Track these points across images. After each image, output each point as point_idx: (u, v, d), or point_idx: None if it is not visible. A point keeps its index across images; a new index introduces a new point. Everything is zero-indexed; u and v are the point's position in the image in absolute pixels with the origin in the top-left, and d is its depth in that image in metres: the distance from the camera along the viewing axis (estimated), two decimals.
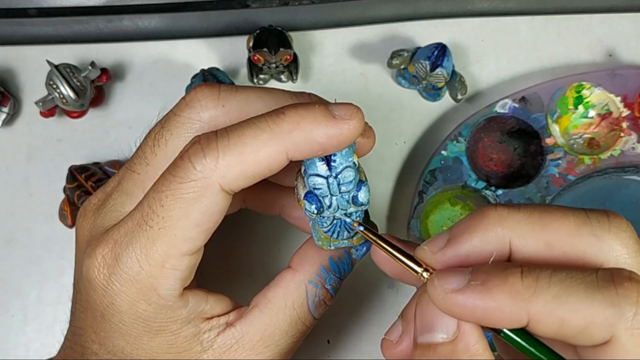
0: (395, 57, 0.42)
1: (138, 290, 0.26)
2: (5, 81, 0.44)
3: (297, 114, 0.25)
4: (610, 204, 0.42)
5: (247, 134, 0.25)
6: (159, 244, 0.26)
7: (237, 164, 0.25)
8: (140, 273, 0.26)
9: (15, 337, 0.41)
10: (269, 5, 0.41)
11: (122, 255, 0.26)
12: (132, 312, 0.26)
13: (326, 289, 0.30)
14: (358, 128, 0.25)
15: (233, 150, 0.25)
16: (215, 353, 0.28)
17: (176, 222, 0.25)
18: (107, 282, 0.26)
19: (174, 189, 0.25)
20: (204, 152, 0.25)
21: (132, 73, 0.44)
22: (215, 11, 0.42)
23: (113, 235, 0.27)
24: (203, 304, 0.28)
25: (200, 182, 0.25)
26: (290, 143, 0.25)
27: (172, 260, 0.26)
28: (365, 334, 0.41)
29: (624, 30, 0.45)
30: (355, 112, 0.25)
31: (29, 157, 0.43)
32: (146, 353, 0.27)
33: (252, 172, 0.25)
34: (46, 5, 0.41)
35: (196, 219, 0.25)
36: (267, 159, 0.25)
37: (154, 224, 0.26)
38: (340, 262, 0.30)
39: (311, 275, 0.29)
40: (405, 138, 0.44)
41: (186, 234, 0.26)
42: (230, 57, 0.44)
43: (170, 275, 0.26)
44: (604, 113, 0.42)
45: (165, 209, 0.25)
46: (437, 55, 0.40)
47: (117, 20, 0.42)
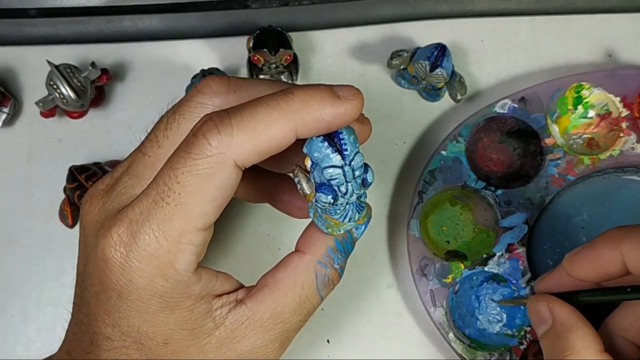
0: (394, 57, 0.42)
1: (156, 266, 0.27)
2: (6, 81, 0.44)
3: (305, 93, 0.26)
4: (610, 204, 0.42)
5: (260, 112, 0.26)
6: (176, 220, 0.26)
7: (250, 140, 0.26)
8: (158, 249, 0.26)
9: (15, 336, 0.41)
10: (269, 6, 0.41)
11: (139, 233, 0.26)
12: (150, 288, 0.27)
13: (335, 268, 0.30)
14: (360, 107, 0.27)
15: (247, 126, 0.26)
16: (227, 330, 0.28)
17: (192, 198, 0.26)
18: (124, 260, 0.27)
19: (190, 165, 0.26)
20: (218, 129, 0.26)
21: (132, 73, 0.44)
22: (215, 12, 0.42)
23: (128, 214, 0.27)
24: (214, 281, 0.29)
25: (215, 158, 0.26)
26: (300, 121, 0.26)
27: (189, 235, 0.26)
28: (365, 334, 0.42)
29: (623, 30, 0.45)
30: (357, 93, 0.27)
31: (30, 157, 0.43)
32: (162, 330, 0.28)
33: (264, 148, 0.26)
34: (46, 6, 0.41)
35: (211, 194, 0.26)
36: (277, 136, 0.26)
37: (171, 200, 0.26)
38: (344, 241, 0.31)
39: (320, 256, 0.30)
40: (405, 138, 0.44)
41: (202, 209, 0.26)
42: (230, 58, 0.44)
43: (187, 250, 0.27)
44: (603, 113, 0.42)
45: (182, 185, 0.26)
46: (437, 55, 0.40)
47: (118, 21, 0.43)
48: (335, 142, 0.27)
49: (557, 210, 0.42)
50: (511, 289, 0.40)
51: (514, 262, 0.40)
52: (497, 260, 0.40)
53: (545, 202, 0.41)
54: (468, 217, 0.42)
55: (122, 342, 0.28)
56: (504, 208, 0.40)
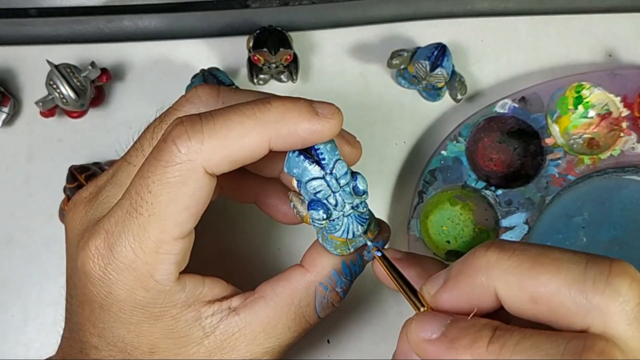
0: (395, 57, 0.42)
1: (135, 278, 0.26)
2: (6, 81, 0.44)
3: (283, 106, 0.26)
4: (610, 204, 0.42)
5: (233, 120, 0.25)
6: (151, 230, 0.26)
7: (221, 148, 0.25)
8: (135, 261, 0.26)
9: (15, 337, 0.41)
10: (269, 5, 0.41)
11: (115, 245, 0.26)
12: (131, 300, 0.27)
13: (336, 291, 0.30)
14: (338, 126, 0.27)
15: (218, 133, 0.25)
16: (216, 339, 0.28)
17: (165, 207, 0.26)
18: (103, 272, 0.26)
19: (159, 174, 0.25)
20: (188, 135, 0.25)
21: (132, 73, 0.44)
22: (215, 11, 0.42)
23: (104, 225, 0.27)
24: (200, 287, 0.28)
25: (185, 165, 0.25)
26: (275, 133, 0.26)
27: (165, 245, 0.26)
28: (365, 334, 0.41)
29: (623, 30, 0.45)
30: (337, 112, 0.27)
31: (29, 157, 0.43)
32: (147, 339, 0.27)
33: (236, 157, 0.26)
34: (46, 5, 0.41)
35: (184, 202, 0.26)
36: (250, 146, 0.26)
37: (144, 210, 0.26)
38: (352, 264, 0.30)
39: (323, 277, 0.30)
40: (405, 138, 0.44)
41: (176, 218, 0.26)
42: (230, 57, 0.44)
43: (165, 260, 0.26)
44: (603, 113, 0.42)
45: (153, 194, 0.25)
46: (437, 55, 0.40)
47: (117, 20, 0.43)
48: (311, 153, 0.27)
49: (557, 210, 0.42)
50: None
51: None
52: None
53: (546, 202, 0.41)
54: (468, 217, 0.42)
55: (109, 352, 0.28)
56: (504, 208, 0.40)
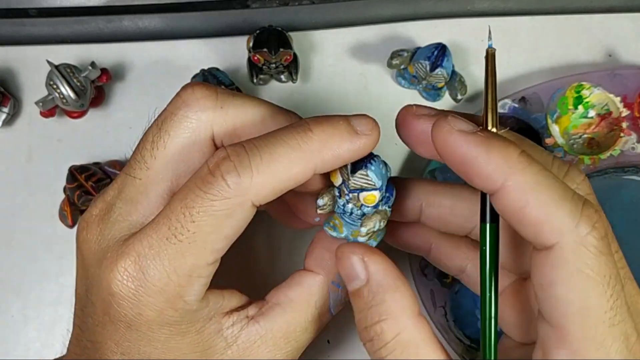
0: (395, 57, 0.42)
1: (166, 300, 0.26)
2: (6, 81, 0.44)
3: (324, 132, 0.27)
4: (610, 204, 0.42)
5: (279, 152, 0.26)
6: (188, 257, 0.26)
7: (270, 182, 0.26)
8: (168, 284, 0.26)
9: (15, 337, 0.41)
10: (269, 6, 0.41)
11: (149, 268, 0.26)
12: (160, 320, 0.27)
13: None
14: (377, 139, 0.28)
15: (267, 168, 0.26)
16: (239, 349, 0.28)
17: (206, 237, 0.26)
18: (133, 294, 0.26)
19: (206, 206, 0.25)
20: (237, 171, 0.25)
21: (132, 73, 0.44)
22: (215, 11, 0.42)
23: (135, 247, 0.27)
24: (220, 300, 0.29)
25: (234, 200, 0.25)
26: (320, 160, 0.26)
27: (199, 269, 0.26)
28: None
29: (623, 30, 0.45)
30: (375, 127, 0.28)
31: (29, 157, 0.43)
32: (174, 355, 0.28)
33: (282, 188, 0.26)
34: (46, 6, 0.41)
35: (225, 232, 0.26)
36: (297, 176, 0.26)
37: (184, 238, 0.26)
38: None
39: (333, 276, 0.30)
40: None
41: (215, 246, 0.26)
42: (230, 57, 0.44)
43: (196, 284, 0.27)
44: (603, 113, 0.42)
45: (197, 224, 0.26)
46: (437, 55, 0.40)
47: (118, 21, 0.43)
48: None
49: None
50: None
51: None
52: None
53: None
54: None
55: None
56: None
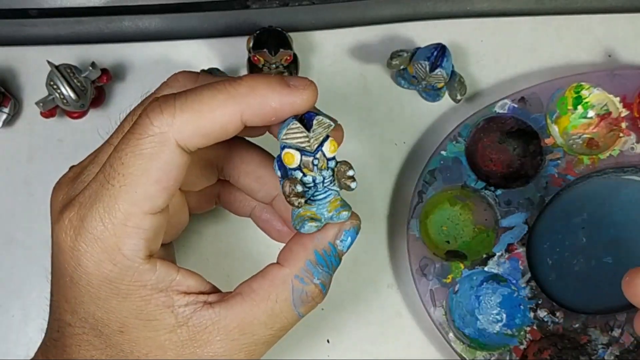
0: (394, 57, 0.42)
1: (102, 250, 0.26)
2: (6, 82, 0.44)
3: (253, 79, 0.27)
4: (610, 204, 0.42)
5: (205, 94, 0.26)
6: (121, 202, 0.26)
7: (193, 120, 0.26)
8: (104, 232, 0.26)
9: (15, 337, 0.41)
10: (269, 6, 0.41)
11: (86, 216, 0.27)
12: (99, 273, 0.27)
13: (314, 284, 0.29)
14: (312, 97, 0.28)
15: (190, 107, 0.26)
16: (189, 331, 0.28)
17: (136, 179, 0.26)
18: (73, 243, 0.27)
19: (133, 146, 0.26)
20: (161, 109, 0.26)
21: (132, 73, 0.44)
22: (215, 12, 0.42)
23: (79, 198, 0.27)
24: (174, 274, 0.28)
25: (157, 138, 0.26)
26: (246, 105, 0.26)
27: (134, 218, 0.26)
28: (365, 334, 0.42)
29: (623, 30, 0.46)
30: (309, 84, 0.28)
31: (30, 158, 0.43)
32: (116, 317, 0.27)
33: (208, 131, 0.26)
34: (47, 6, 0.41)
35: (156, 175, 0.26)
36: (222, 118, 0.26)
37: (116, 182, 0.26)
38: (326, 254, 0.30)
39: (298, 269, 0.29)
40: (405, 138, 0.44)
41: (147, 191, 0.26)
42: (230, 58, 0.44)
43: (134, 234, 0.27)
44: (603, 113, 0.42)
45: (126, 166, 0.26)
46: (437, 55, 0.40)
47: (118, 21, 0.43)
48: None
49: (557, 210, 0.42)
50: (511, 288, 0.40)
51: (513, 262, 0.40)
52: (497, 260, 0.40)
53: (545, 202, 0.41)
54: (468, 217, 0.42)
55: (82, 329, 0.28)
56: (504, 208, 0.41)
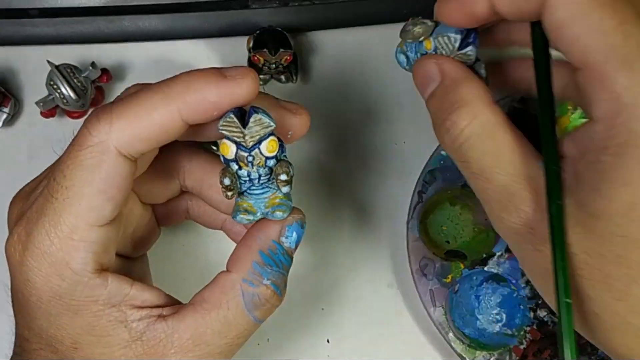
0: (417, 25, 0.33)
1: (50, 264, 0.26)
2: (6, 81, 0.44)
3: (188, 76, 0.26)
4: None
5: (141, 97, 0.26)
6: (65, 215, 0.26)
7: (130, 126, 0.26)
8: (50, 246, 0.26)
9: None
10: (269, 6, 0.41)
11: (32, 231, 0.26)
12: (48, 289, 0.26)
13: (265, 285, 0.28)
14: (251, 86, 0.27)
15: (126, 112, 0.26)
16: (144, 345, 0.27)
17: (79, 191, 0.26)
18: (21, 258, 0.27)
19: (73, 157, 0.26)
20: (98, 118, 0.26)
21: (132, 73, 0.44)
22: (215, 12, 0.42)
23: (27, 213, 0.27)
24: (127, 288, 0.27)
25: (97, 147, 0.25)
26: (183, 103, 0.26)
27: (80, 231, 0.26)
28: (365, 334, 0.42)
29: None
30: (247, 72, 0.27)
31: (30, 158, 0.43)
32: (68, 333, 0.27)
33: (148, 134, 0.26)
34: (47, 6, 0.41)
35: (99, 186, 0.26)
36: (160, 120, 0.26)
37: (59, 195, 0.26)
38: (272, 253, 0.29)
39: (245, 273, 0.28)
40: (405, 138, 0.44)
41: (91, 202, 0.26)
42: (230, 58, 0.44)
43: (81, 248, 0.26)
44: None
45: (67, 178, 0.26)
46: (469, 32, 0.31)
47: (118, 21, 0.43)
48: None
49: None
50: (511, 288, 0.40)
51: (513, 262, 0.40)
52: (497, 260, 0.40)
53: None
54: (468, 217, 0.42)
55: (38, 345, 0.27)
56: None
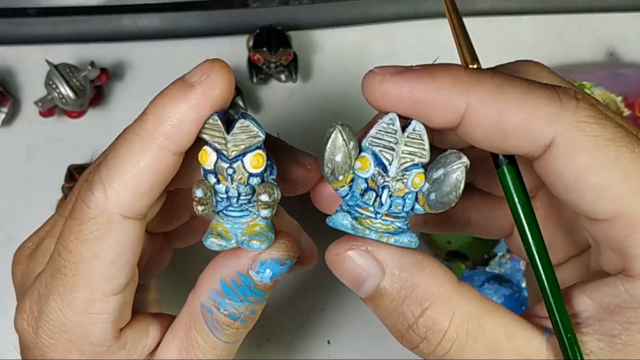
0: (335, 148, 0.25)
1: (68, 341, 0.25)
2: (5, 81, 0.44)
3: (155, 106, 0.23)
4: None
5: (122, 152, 0.24)
6: (78, 291, 0.24)
7: (125, 187, 0.23)
8: (65, 324, 0.25)
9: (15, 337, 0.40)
10: (269, 5, 0.41)
11: (45, 307, 0.25)
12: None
13: (222, 314, 0.26)
14: (221, 83, 0.23)
15: (115, 174, 0.24)
16: None
17: (89, 265, 0.24)
18: (35, 335, 0.25)
19: (77, 232, 0.24)
20: (91, 190, 0.24)
21: (131, 73, 0.44)
22: (215, 11, 0.42)
23: (36, 285, 0.26)
24: (144, 339, 0.26)
25: (99, 219, 0.24)
26: (163, 138, 0.23)
27: (97, 304, 0.25)
28: (365, 334, 0.41)
29: (624, 29, 0.45)
30: (210, 67, 0.23)
31: (29, 157, 0.43)
32: None
33: (145, 187, 0.24)
34: (45, 5, 0.41)
35: (109, 256, 0.24)
36: (150, 166, 0.23)
37: (67, 271, 0.24)
38: (235, 285, 0.26)
39: (203, 298, 0.26)
40: None
41: (103, 274, 0.24)
42: (230, 57, 0.44)
43: (100, 321, 0.25)
44: None
45: (74, 254, 0.24)
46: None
47: (117, 20, 0.42)
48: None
49: None
50: (512, 289, 0.40)
51: (515, 262, 0.40)
52: (499, 261, 0.40)
53: None
54: None
55: None
56: None
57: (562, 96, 0.21)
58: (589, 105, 0.21)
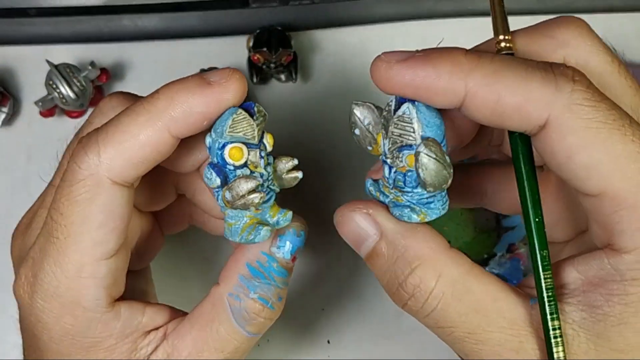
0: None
1: (61, 305, 0.25)
2: (5, 81, 0.44)
3: (170, 89, 0.25)
4: None
5: (125, 121, 0.25)
6: (70, 254, 0.25)
7: (120, 153, 0.24)
8: (58, 287, 0.25)
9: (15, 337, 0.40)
10: (269, 5, 0.41)
11: (39, 272, 0.25)
12: (60, 328, 0.26)
13: (252, 299, 0.27)
14: (237, 90, 0.25)
15: (113, 140, 0.24)
16: None
17: (79, 228, 0.25)
18: (31, 300, 0.26)
19: (67, 194, 0.25)
20: (85, 150, 0.25)
21: (131, 73, 0.44)
22: (215, 11, 0.42)
23: (31, 252, 0.26)
24: (139, 316, 0.27)
25: (89, 181, 0.24)
26: (169, 120, 0.24)
27: (88, 267, 0.25)
28: (365, 334, 0.41)
29: (625, 29, 0.45)
30: (231, 74, 0.25)
31: (29, 157, 0.43)
32: None
33: (138, 158, 0.25)
34: (46, 5, 0.41)
35: (98, 219, 0.25)
36: (149, 141, 0.25)
37: (59, 234, 0.25)
38: (262, 265, 0.27)
39: (230, 287, 0.27)
40: None
41: (93, 237, 0.25)
42: (230, 57, 0.44)
43: (91, 285, 0.25)
44: None
45: (65, 216, 0.25)
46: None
47: (117, 20, 0.42)
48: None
49: None
50: None
51: (515, 262, 0.40)
52: (498, 261, 0.40)
53: None
54: (469, 218, 0.42)
55: None
56: None
57: (559, 78, 0.22)
58: (585, 88, 0.22)
